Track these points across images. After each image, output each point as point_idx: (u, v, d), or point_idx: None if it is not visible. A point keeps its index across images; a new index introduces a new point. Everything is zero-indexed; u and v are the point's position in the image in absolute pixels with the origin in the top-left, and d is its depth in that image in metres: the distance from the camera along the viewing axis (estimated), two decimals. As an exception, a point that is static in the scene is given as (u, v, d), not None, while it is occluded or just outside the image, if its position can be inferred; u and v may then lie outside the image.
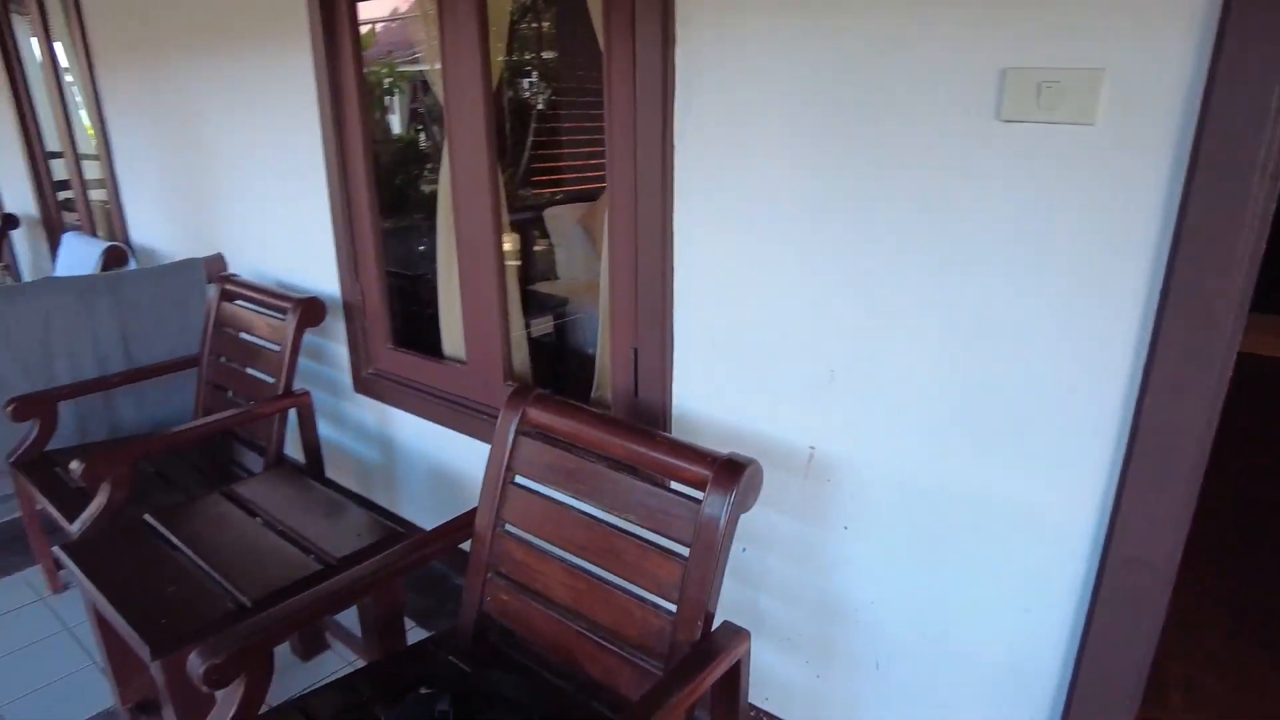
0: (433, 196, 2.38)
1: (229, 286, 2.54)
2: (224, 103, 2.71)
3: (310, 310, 2.27)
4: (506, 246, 2.08)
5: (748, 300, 1.52)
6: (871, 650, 1.54)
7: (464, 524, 1.56)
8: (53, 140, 4.12)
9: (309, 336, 2.68)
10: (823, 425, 1.49)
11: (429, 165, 4.61)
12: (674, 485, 1.31)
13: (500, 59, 2.06)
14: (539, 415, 1.50)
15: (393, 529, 1.79)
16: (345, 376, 2.58)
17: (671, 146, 1.54)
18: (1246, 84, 0.98)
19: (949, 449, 1.34)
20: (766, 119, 1.40)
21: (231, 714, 1.25)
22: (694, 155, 1.51)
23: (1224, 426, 1.13)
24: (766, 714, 1.75)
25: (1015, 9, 1.13)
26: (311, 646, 2.12)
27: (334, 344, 2.59)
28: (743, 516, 1.37)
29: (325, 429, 2.77)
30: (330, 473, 2.79)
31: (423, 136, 5.09)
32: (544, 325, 3.44)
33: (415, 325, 2.58)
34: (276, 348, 2.29)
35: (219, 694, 1.26)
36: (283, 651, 2.14)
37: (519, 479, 1.52)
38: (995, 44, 1.16)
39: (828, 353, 1.44)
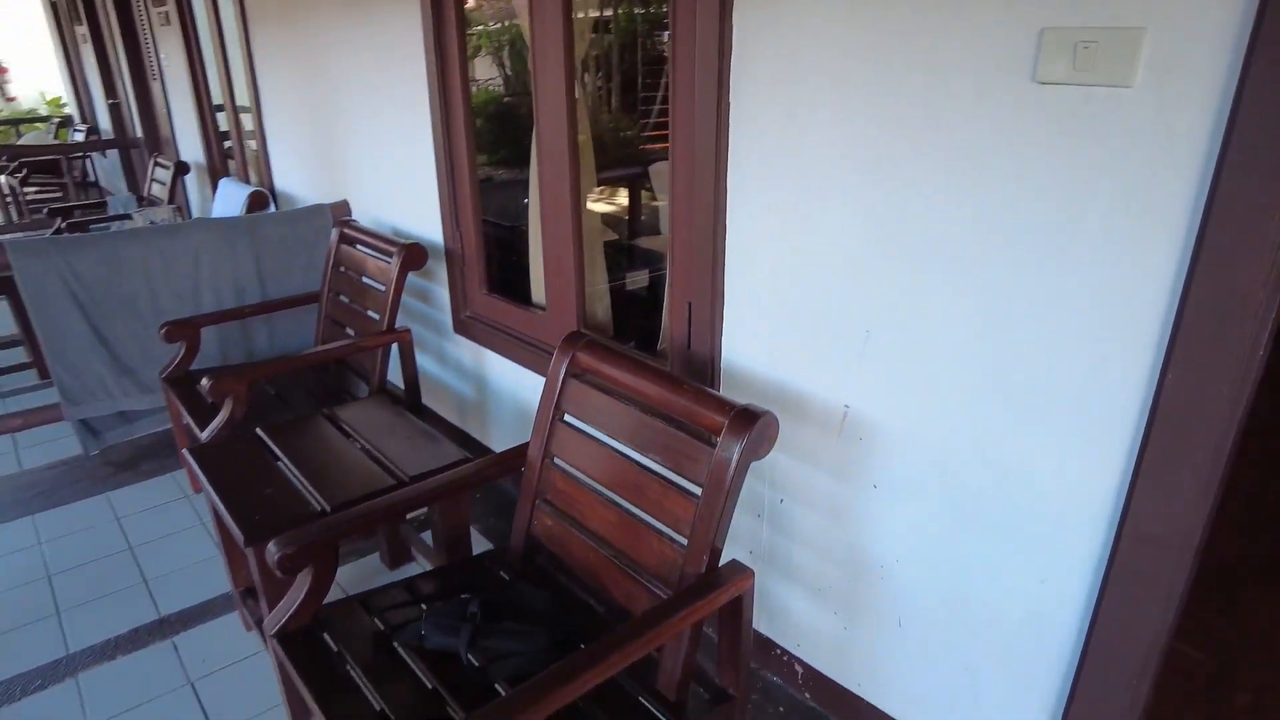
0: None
1: (347, 230, 2.78)
2: (350, 62, 2.94)
3: (412, 255, 2.47)
4: (601, 207, 2.17)
5: (792, 259, 1.56)
6: (895, 607, 1.57)
7: (519, 454, 1.70)
8: (218, 96, 4.56)
9: (418, 279, 2.91)
10: (857, 385, 1.51)
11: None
12: (694, 430, 1.39)
13: (591, 14, 2.13)
14: (587, 359, 1.61)
15: (463, 455, 1.96)
16: (447, 318, 2.79)
17: (727, 105, 1.58)
18: (1286, 44, 0.93)
19: (977, 414, 1.35)
20: (817, 80, 1.42)
21: (301, 597, 1.46)
22: (748, 115, 1.55)
23: None
24: (798, 659, 1.81)
25: (1056, -34, 1.10)
26: (398, 557, 2.36)
27: (439, 287, 2.79)
28: (780, 470, 1.43)
29: (429, 365, 3.01)
30: (433, 405, 3.04)
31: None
32: (641, 279, 3.54)
33: (511, 273, 2.73)
34: (382, 288, 2.50)
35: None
36: (374, 560, 2.39)
37: (567, 417, 1.63)
38: (1034, 3, 1.13)
39: (864, 313, 1.46)
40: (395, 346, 2.51)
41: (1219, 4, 0.98)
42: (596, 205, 3.81)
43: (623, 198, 4.30)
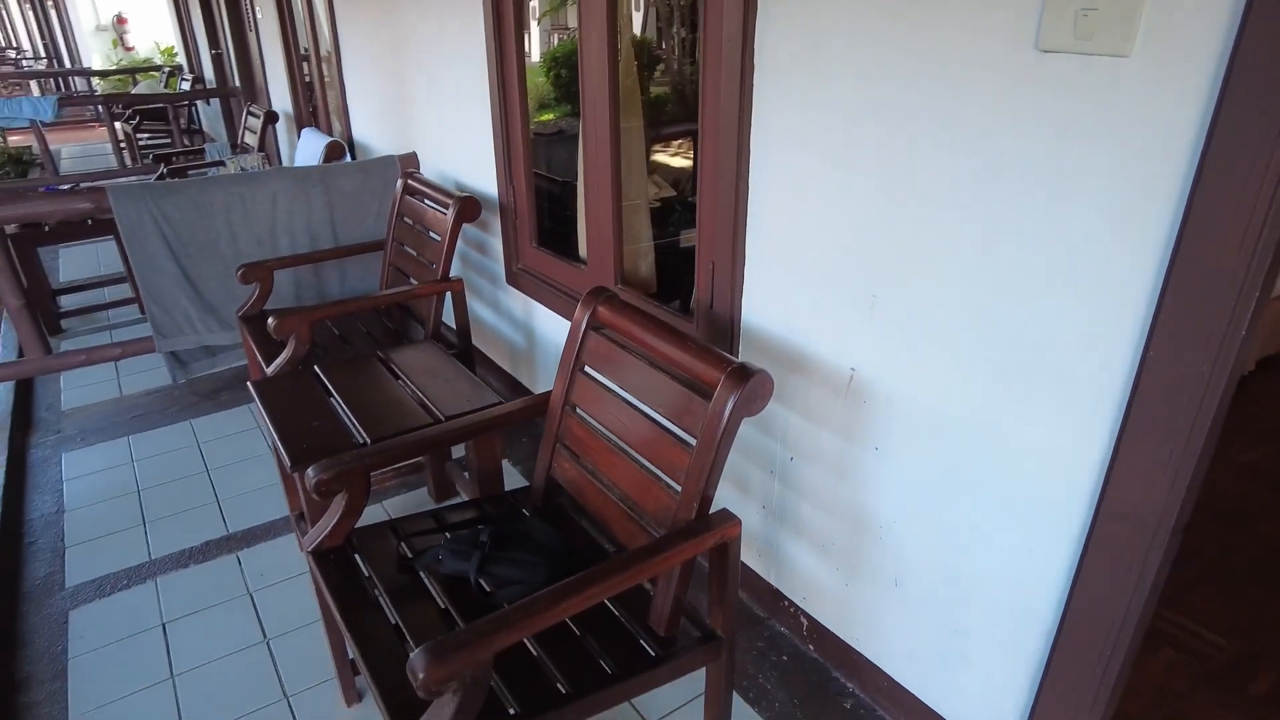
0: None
1: (410, 182, 2.91)
2: (419, 21, 3.04)
3: (466, 208, 2.58)
4: (677, 161, 2.17)
5: (809, 222, 1.58)
6: (893, 567, 1.61)
7: (544, 401, 1.80)
8: (307, 48, 4.77)
9: (477, 232, 3.03)
10: (863, 348, 1.54)
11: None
12: (695, 385, 1.45)
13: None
14: (607, 313, 1.68)
15: (497, 399, 2.08)
16: (501, 269, 2.90)
17: (751, 66, 1.60)
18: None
19: (973, 383, 1.36)
20: (836, 42, 1.43)
21: (336, 519, 1.60)
22: (771, 77, 1.57)
23: None
24: (804, 612, 1.88)
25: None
26: (443, 492, 2.52)
27: (495, 240, 2.90)
28: (792, 428, 1.48)
29: (485, 313, 3.14)
30: (488, 352, 3.19)
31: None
32: (694, 237, 3.56)
33: (565, 228, 2.82)
34: (438, 238, 2.63)
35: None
36: (421, 494, 2.56)
37: (587, 368, 1.72)
38: (1042, -32, 1.12)
39: (871, 279, 1.49)
40: (449, 295, 2.64)
41: (1220, -28, 0.96)
42: (672, 159, 3.84)
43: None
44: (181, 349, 3.10)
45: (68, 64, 11.84)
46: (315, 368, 2.26)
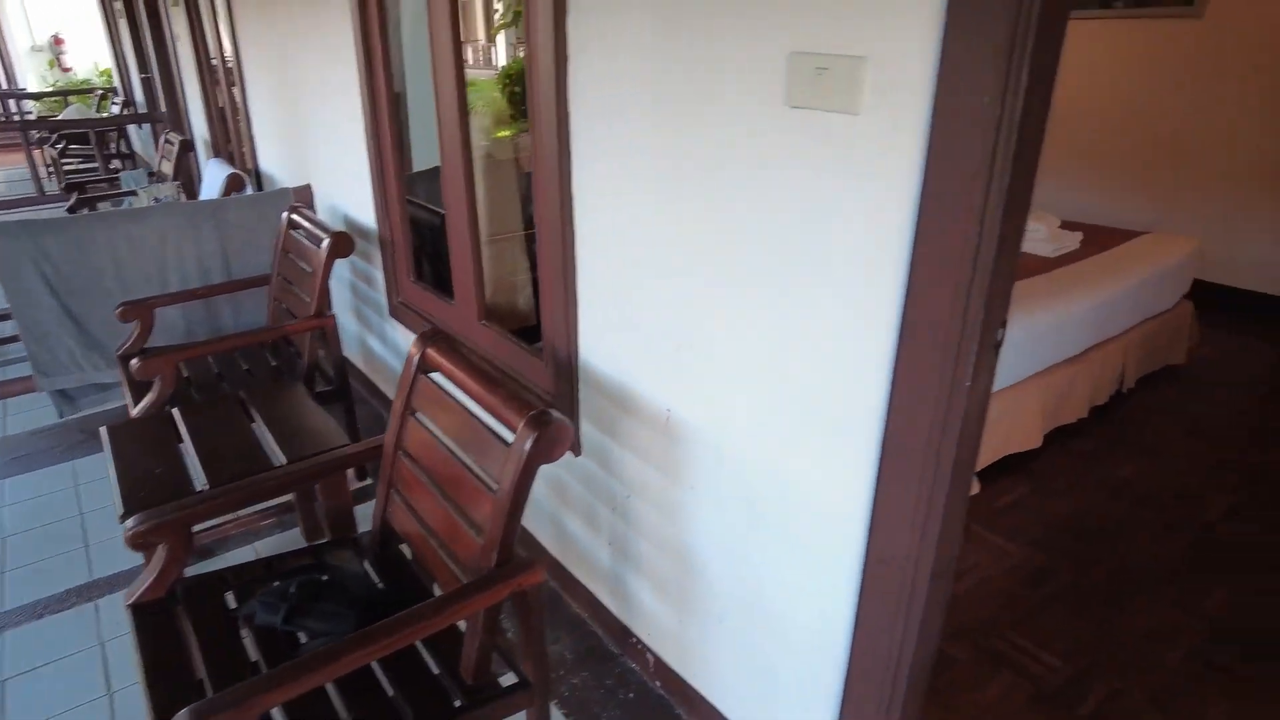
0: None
1: (294, 216, 2.90)
2: (307, 53, 3.04)
3: (340, 243, 2.56)
4: None
5: (622, 267, 1.60)
6: (715, 604, 1.63)
7: (379, 445, 1.80)
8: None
9: (364, 264, 3.02)
10: (676, 389, 1.56)
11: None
12: (499, 429, 1.46)
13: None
14: (435, 355, 1.69)
15: (345, 441, 2.07)
16: (385, 302, 2.89)
17: (567, 114, 1.62)
18: (963, 79, 0.95)
19: (763, 429, 1.38)
20: (628, 89, 1.45)
21: (155, 573, 1.58)
22: (584, 124, 1.59)
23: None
24: (649, 648, 1.89)
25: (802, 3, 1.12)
26: (313, 533, 2.49)
27: (380, 273, 2.90)
28: (627, 467, 1.50)
29: (375, 345, 3.13)
30: (382, 384, 3.17)
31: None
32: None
33: (443, 263, 2.82)
34: (312, 273, 2.61)
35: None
36: (296, 533, 2.54)
37: (417, 412, 1.72)
38: (785, 29, 1.15)
39: (673, 324, 1.51)
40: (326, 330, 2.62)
41: (918, 40, 0.99)
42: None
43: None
44: (68, 387, 3.05)
45: (2, 85, 11.61)
46: (171, 409, 2.24)
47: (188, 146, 4.92)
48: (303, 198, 3.32)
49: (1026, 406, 2.73)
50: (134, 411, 2.34)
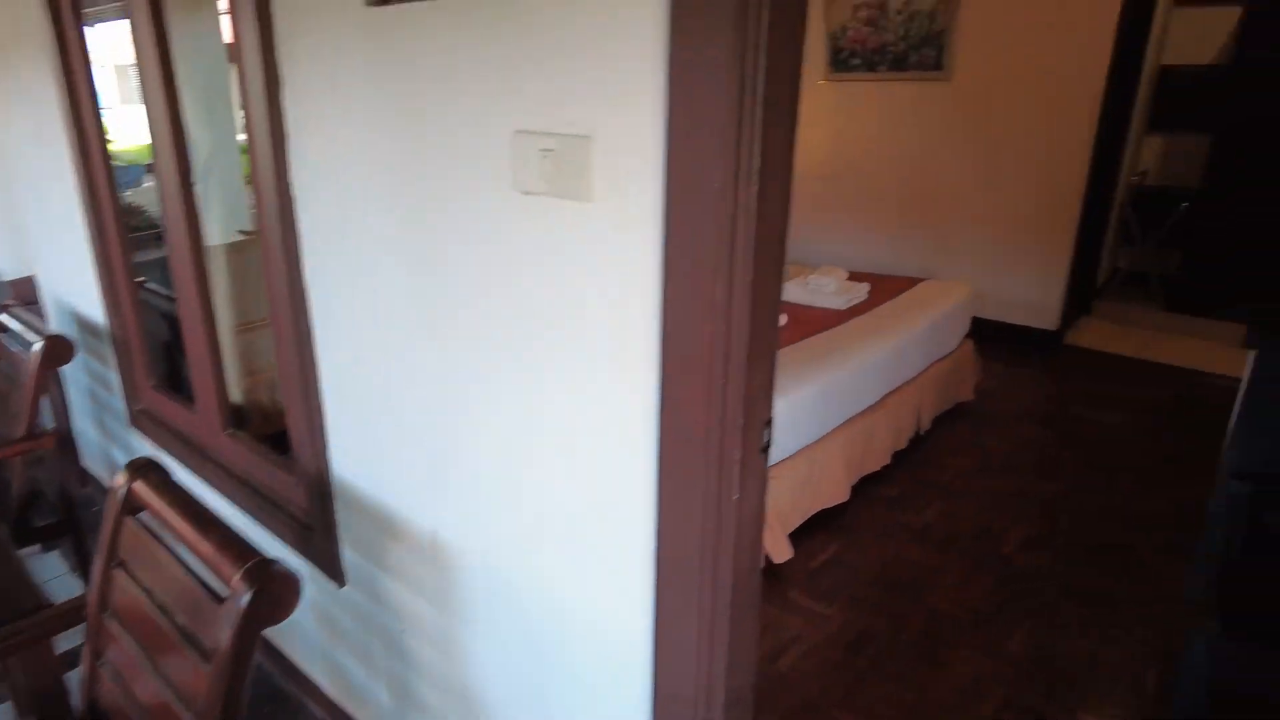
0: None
1: (4, 316, 2.44)
2: (19, 121, 2.61)
3: (56, 349, 2.15)
4: None
5: (372, 365, 1.39)
6: (509, 749, 1.42)
7: (81, 604, 1.45)
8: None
9: (100, 367, 2.59)
10: (439, 509, 1.36)
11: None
12: (215, 586, 1.19)
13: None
14: (143, 492, 1.39)
15: (42, 602, 1.68)
16: (125, 410, 2.48)
17: (291, 198, 1.40)
18: (692, 166, 0.83)
19: (534, 552, 1.21)
20: (361, 169, 1.26)
21: None
22: (312, 207, 1.38)
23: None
24: (445, 800, 1.63)
25: (524, 78, 0.98)
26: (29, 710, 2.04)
27: (116, 375, 2.49)
28: (398, 598, 1.27)
29: (121, 459, 2.68)
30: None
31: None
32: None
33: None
34: (23, 385, 2.18)
35: None
36: (7, 709, 2.06)
37: (124, 563, 1.40)
38: (511, 102, 1.01)
39: (429, 435, 1.31)
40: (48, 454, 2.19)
41: (648, 116, 0.88)
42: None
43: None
44: None
45: None
46: None
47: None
48: (23, 292, 2.83)
49: (832, 460, 2.74)
50: None
